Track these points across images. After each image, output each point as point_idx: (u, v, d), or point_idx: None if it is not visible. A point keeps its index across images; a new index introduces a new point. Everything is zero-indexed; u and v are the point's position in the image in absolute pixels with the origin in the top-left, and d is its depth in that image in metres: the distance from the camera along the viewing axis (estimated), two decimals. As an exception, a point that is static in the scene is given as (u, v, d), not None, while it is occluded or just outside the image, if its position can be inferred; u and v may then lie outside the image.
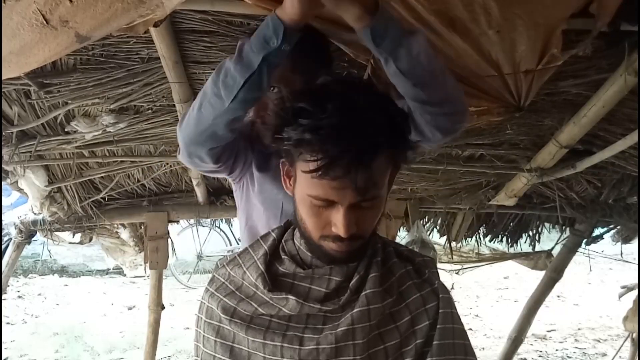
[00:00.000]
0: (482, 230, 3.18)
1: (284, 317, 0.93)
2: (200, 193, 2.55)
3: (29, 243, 2.65)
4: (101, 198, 2.47)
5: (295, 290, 0.93)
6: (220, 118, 1.11)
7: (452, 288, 3.18)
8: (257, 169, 1.37)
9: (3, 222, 3.09)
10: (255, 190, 1.38)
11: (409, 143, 0.90)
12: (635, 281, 3.26)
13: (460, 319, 0.97)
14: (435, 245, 3.06)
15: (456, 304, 0.98)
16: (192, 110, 1.17)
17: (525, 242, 3.26)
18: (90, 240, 2.83)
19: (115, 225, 2.78)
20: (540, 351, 4.99)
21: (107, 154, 2.21)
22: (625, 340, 3.20)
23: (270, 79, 1.07)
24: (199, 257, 7.15)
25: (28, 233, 2.56)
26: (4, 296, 2.54)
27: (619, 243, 3.39)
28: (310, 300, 0.92)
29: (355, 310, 0.90)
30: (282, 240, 1.02)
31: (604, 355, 4.86)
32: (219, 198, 2.68)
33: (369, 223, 0.91)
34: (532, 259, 3.54)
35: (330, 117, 0.80)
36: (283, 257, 0.99)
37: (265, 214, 1.38)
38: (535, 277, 3.46)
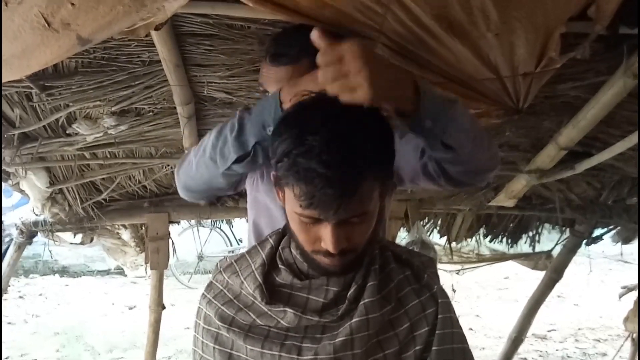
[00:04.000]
0: (482, 231, 3.18)
1: (283, 327, 0.93)
2: (200, 194, 2.55)
3: (30, 244, 2.65)
4: (102, 199, 2.48)
5: (292, 302, 0.93)
6: (214, 179, 1.09)
7: (453, 289, 3.19)
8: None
9: (4, 223, 3.10)
10: (265, 186, 1.35)
11: (393, 161, 0.89)
12: (636, 281, 3.26)
13: (459, 323, 0.97)
14: (436, 246, 3.06)
15: (456, 304, 0.99)
16: (191, 163, 1.13)
17: (525, 243, 3.27)
18: (91, 241, 2.83)
19: (116, 226, 2.78)
20: (541, 351, 5.00)
21: (109, 156, 2.21)
22: (625, 341, 3.20)
23: (265, 154, 1.00)
24: (200, 257, 7.16)
25: (29, 234, 2.56)
26: (4, 296, 2.55)
27: (619, 244, 3.39)
28: (308, 312, 0.91)
29: (354, 320, 0.90)
30: (280, 248, 1.01)
31: (604, 355, 4.86)
32: (219, 199, 2.69)
33: (359, 237, 0.90)
34: (532, 259, 3.54)
35: (311, 157, 0.79)
36: (280, 266, 0.98)
37: (273, 213, 1.35)
38: (535, 278, 3.46)
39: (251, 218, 1.38)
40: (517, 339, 3.35)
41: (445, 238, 3.17)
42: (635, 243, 3.22)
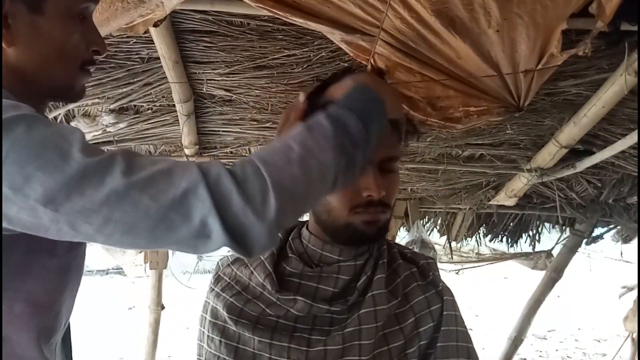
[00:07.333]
0: (482, 230, 3.18)
1: (291, 318, 0.93)
2: (200, 193, 2.55)
3: (29, 243, 2.64)
4: (101, 198, 2.47)
5: (302, 290, 0.93)
6: None
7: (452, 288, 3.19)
8: None
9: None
10: None
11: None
12: (635, 281, 3.26)
13: (464, 322, 0.97)
14: (435, 245, 3.06)
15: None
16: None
17: (525, 242, 3.27)
18: (90, 240, 2.83)
19: (115, 225, 2.77)
20: (541, 351, 5.01)
21: (107, 154, 2.20)
22: (625, 340, 3.20)
23: None
24: (199, 257, 7.15)
25: (28, 233, 2.56)
26: (4, 296, 2.54)
27: (619, 243, 3.39)
28: (318, 300, 0.92)
29: (362, 311, 0.90)
30: (290, 239, 1.01)
31: (604, 355, 4.87)
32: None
33: (392, 190, 0.93)
34: (532, 258, 3.54)
35: None
36: (290, 255, 0.99)
37: None
38: (535, 277, 3.46)
39: None
40: (517, 339, 3.34)
41: (445, 237, 3.17)
42: (635, 242, 3.22)
